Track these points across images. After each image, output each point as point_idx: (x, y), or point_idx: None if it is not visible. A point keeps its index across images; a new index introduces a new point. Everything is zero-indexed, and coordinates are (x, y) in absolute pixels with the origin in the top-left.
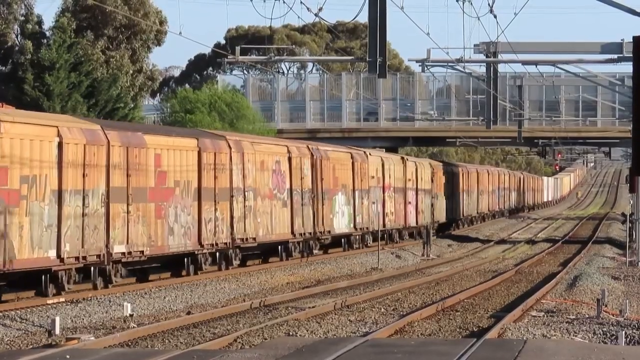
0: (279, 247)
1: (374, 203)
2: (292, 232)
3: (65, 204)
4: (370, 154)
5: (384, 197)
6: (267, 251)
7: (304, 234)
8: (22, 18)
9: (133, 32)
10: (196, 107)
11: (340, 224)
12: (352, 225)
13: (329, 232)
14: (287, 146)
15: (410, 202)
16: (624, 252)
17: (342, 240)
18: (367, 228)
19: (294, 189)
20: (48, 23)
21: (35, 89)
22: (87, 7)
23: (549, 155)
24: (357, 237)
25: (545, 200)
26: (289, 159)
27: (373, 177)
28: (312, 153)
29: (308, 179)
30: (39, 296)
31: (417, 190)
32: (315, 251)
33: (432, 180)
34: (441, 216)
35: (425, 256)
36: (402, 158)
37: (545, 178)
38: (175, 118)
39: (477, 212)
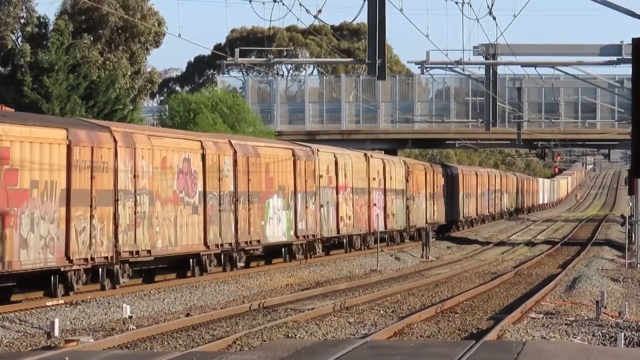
0: (191, 260)
1: (323, 206)
2: (206, 243)
3: None
4: (319, 150)
5: (337, 199)
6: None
7: (222, 244)
8: (23, 21)
9: (131, 34)
10: (199, 109)
11: (276, 232)
12: (292, 232)
13: (259, 241)
14: (200, 141)
15: (375, 204)
16: (623, 254)
17: (283, 250)
18: (313, 235)
19: (209, 191)
20: (50, 27)
21: (34, 91)
22: (84, 9)
23: (548, 157)
24: (300, 246)
25: (540, 202)
26: (203, 156)
27: (323, 176)
28: (234, 149)
29: (229, 179)
30: None
31: (385, 190)
32: (240, 264)
33: (407, 180)
34: (421, 220)
35: (425, 258)
36: (365, 155)
37: (540, 179)
38: (180, 118)
39: (463, 217)
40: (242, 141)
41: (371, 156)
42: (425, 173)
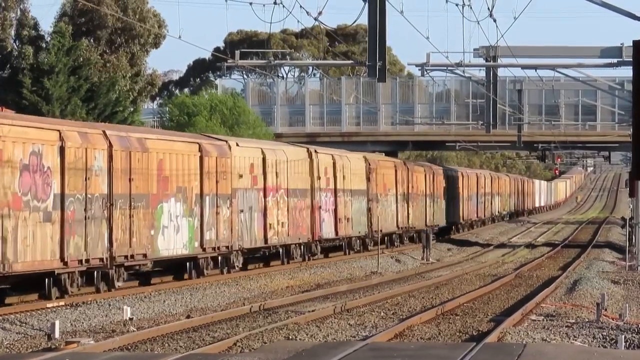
0: (48, 279)
1: (243, 212)
2: (63, 259)
3: None
4: (238, 145)
5: (265, 203)
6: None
7: (88, 260)
8: (17, 23)
9: (130, 36)
10: (198, 111)
11: (173, 243)
12: (196, 244)
13: (145, 255)
14: (59, 131)
15: (321, 208)
16: (624, 257)
17: (188, 264)
18: (227, 247)
19: (69, 194)
20: (46, 27)
21: (33, 93)
22: (85, 11)
23: (548, 159)
24: (207, 259)
25: (537, 205)
26: (61, 150)
27: (243, 176)
28: (110, 142)
29: (101, 179)
30: None
31: (335, 191)
32: (118, 283)
33: (369, 179)
34: (389, 224)
35: (425, 260)
36: (308, 150)
37: (537, 181)
38: (179, 121)
39: (447, 222)
40: (123, 132)
41: (315, 151)
42: (396, 171)
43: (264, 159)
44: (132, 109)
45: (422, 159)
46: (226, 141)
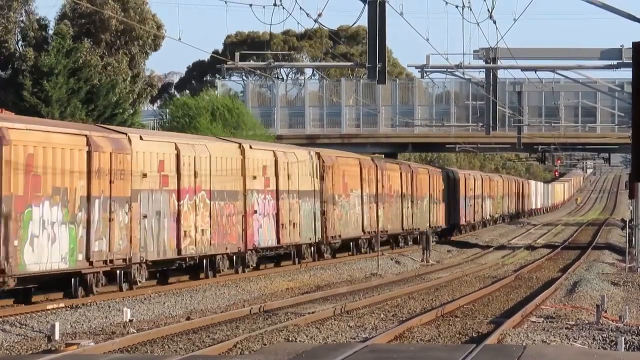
0: None
1: (147, 217)
2: None
3: None
4: (142, 138)
5: (179, 206)
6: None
7: None
8: (23, 24)
9: (130, 37)
10: (199, 113)
11: (48, 256)
12: (80, 256)
13: (3, 271)
14: None
15: (258, 212)
16: (624, 258)
17: (73, 281)
18: (125, 260)
19: None
20: (51, 29)
21: (33, 95)
22: (85, 13)
23: (548, 161)
24: (98, 275)
25: (533, 207)
26: None
27: (148, 175)
28: None
29: None
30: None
31: (277, 193)
32: None
33: (323, 179)
34: (354, 229)
35: (425, 262)
36: (240, 145)
37: (533, 182)
38: (179, 122)
39: (430, 226)
40: None
41: (250, 147)
42: (361, 169)
43: (178, 156)
44: (131, 111)
45: (422, 161)
46: (126, 134)
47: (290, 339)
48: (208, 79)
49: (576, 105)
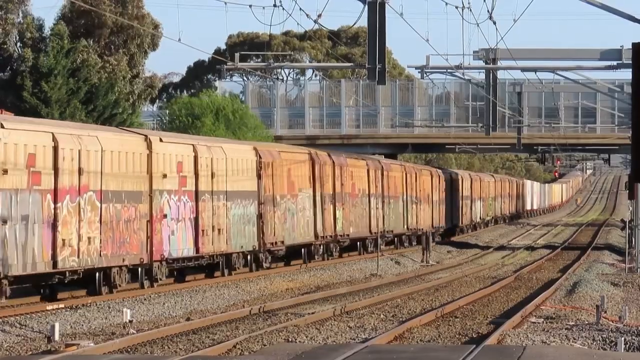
0: None
1: (6, 222)
2: None
3: None
4: (3, 126)
5: (55, 209)
6: None
7: None
8: (20, 26)
9: (129, 36)
10: (202, 113)
11: None
12: None
13: None
14: None
15: (168, 216)
16: (624, 259)
17: None
18: None
19: None
20: (46, 29)
21: (33, 95)
22: (83, 12)
23: (548, 161)
24: None
25: (528, 208)
26: None
27: (8, 171)
28: None
29: None
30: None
31: (197, 194)
32: None
33: (260, 177)
34: (302, 234)
35: (425, 262)
36: (147, 139)
37: (529, 182)
38: (181, 122)
39: (407, 228)
40: None
41: (161, 140)
42: (313, 166)
43: (55, 148)
44: (130, 111)
45: (421, 161)
46: None
47: (290, 339)
48: (209, 79)
49: (576, 105)
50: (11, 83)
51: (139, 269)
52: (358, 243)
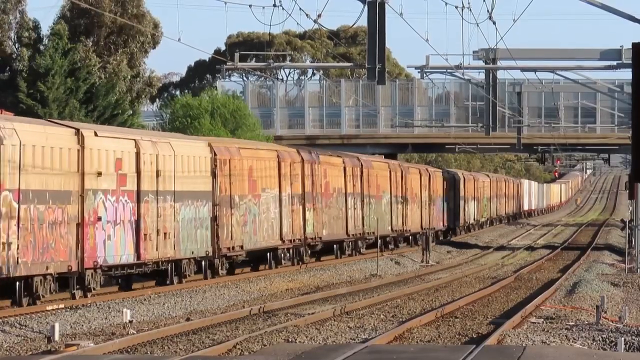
0: None
1: None
2: None
3: None
4: None
5: None
6: None
7: None
8: (17, 25)
9: (129, 35)
10: (200, 114)
11: None
12: None
13: None
14: None
15: (104, 219)
16: (623, 259)
17: None
18: None
19: None
20: (45, 29)
21: (29, 96)
22: (83, 11)
23: (548, 161)
24: None
25: (525, 209)
26: None
27: None
28: None
29: None
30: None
31: (139, 194)
32: None
33: (215, 176)
34: (264, 237)
35: (425, 263)
36: (78, 132)
37: (525, 182)
38: (180, 123)
39: (393, 230)
40: None
41: (96, 134)
42: (279, 164)
43: None
44: (131, 112)
45: (421, 161)
46: None
47: (290, 339)
48: (209, 79)
49: (576, 105)
50: (10, 83)
51: (70, 277)
52: (335, 246)
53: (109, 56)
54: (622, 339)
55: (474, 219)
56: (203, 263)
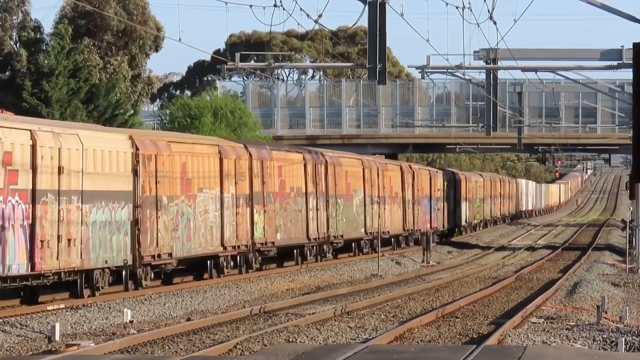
0: None
1: None
2: None
3: None
4: None
5: None
6: None
7: None
8: (19, 25)
9: (131, 38)
10: (201, 114)
11: None
12: None
13: None
14: None
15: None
16: (624, 259)
17: None
18: None
19: None
20: (47, 29)
21: (33, 96)
22: (85, 13)
23: (548, 161)
24: None
25: (523, 209)
26: None
27: None
28: None
29: None
30: None
31: (34, 195)
32: None
33: (137, 174)
34: (201, 243)
35: (425, 263)
36: None
37: (522, 181)
38: (179, 123)
39: (367, 232)
40: None
41: None
42: (221, 160)
43: None
44: (132, 112)
45: (422, 162)
46: None
47: (290, 339)
48: (209, 79)
49: (576, 105)
50: (11, 83)
51: None
52: (295, 251)
53: (111, 57)
54: (623, 339)
55: (466, 221)
56: (124, 273)
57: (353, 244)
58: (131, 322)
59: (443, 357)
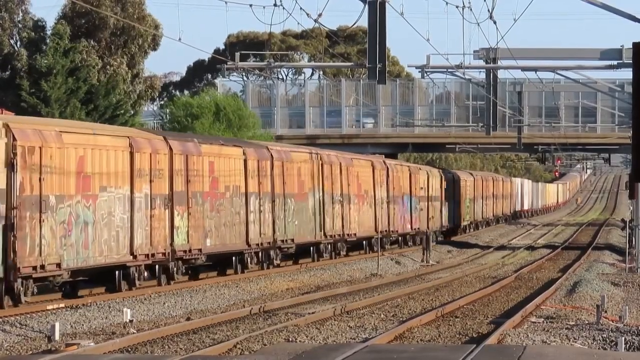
0: None
1: None
2: None
3: None
4: None
5: None
6: None
7: None
8: (20, 25)
9: (130, 36)
10: (202, 114)
11: None
12: None
13: None
14: None
15: None
16: (624, 259)
17: None
18: None
19: None
20: (46, 29)
21: (32, 95)
22: (84, 12)
23: (548, 161)
24: None
25: (518, 209)
26: None
27: None
28: None
29: None
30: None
31: None
32: None
33: (14, 169)
34: (104, 251)
35: (425, 262)
36: None
37: (518, 180)
38: (179, 123)
39: (325, 235)
40: None
41: None
42: (132, 154)
43: None
44: (132, 112)
45: (422, 161)
46: None
47: (290, 339)
48: (209, 79)
49: (576, 105)
50: (10, 82)
51: None
52: (234, 258)
53: (109, 57)
54: (623, 338)
55: (453, 223)
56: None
57: (311, 249)
58: (131, 321)
59: (443, 357)
